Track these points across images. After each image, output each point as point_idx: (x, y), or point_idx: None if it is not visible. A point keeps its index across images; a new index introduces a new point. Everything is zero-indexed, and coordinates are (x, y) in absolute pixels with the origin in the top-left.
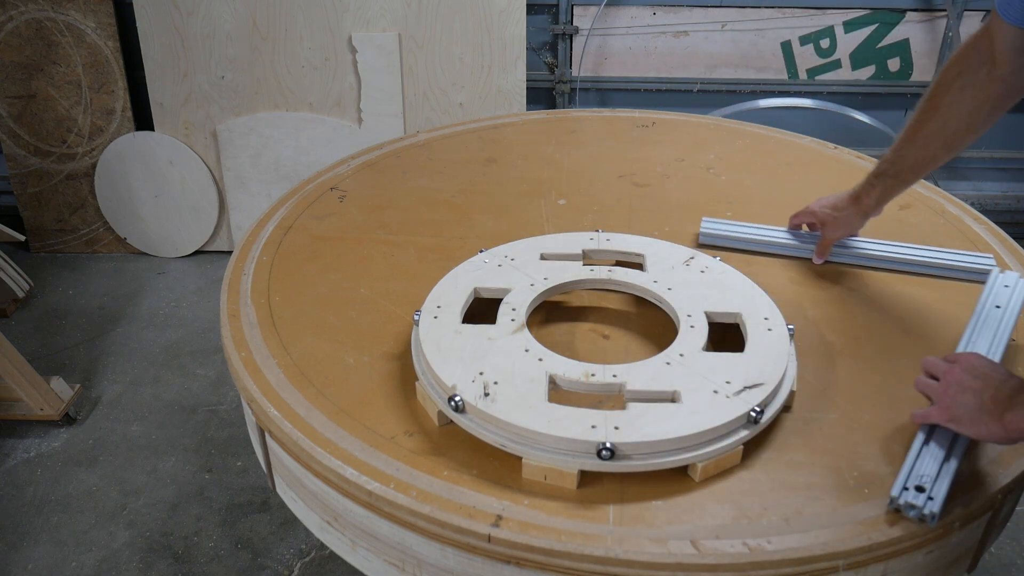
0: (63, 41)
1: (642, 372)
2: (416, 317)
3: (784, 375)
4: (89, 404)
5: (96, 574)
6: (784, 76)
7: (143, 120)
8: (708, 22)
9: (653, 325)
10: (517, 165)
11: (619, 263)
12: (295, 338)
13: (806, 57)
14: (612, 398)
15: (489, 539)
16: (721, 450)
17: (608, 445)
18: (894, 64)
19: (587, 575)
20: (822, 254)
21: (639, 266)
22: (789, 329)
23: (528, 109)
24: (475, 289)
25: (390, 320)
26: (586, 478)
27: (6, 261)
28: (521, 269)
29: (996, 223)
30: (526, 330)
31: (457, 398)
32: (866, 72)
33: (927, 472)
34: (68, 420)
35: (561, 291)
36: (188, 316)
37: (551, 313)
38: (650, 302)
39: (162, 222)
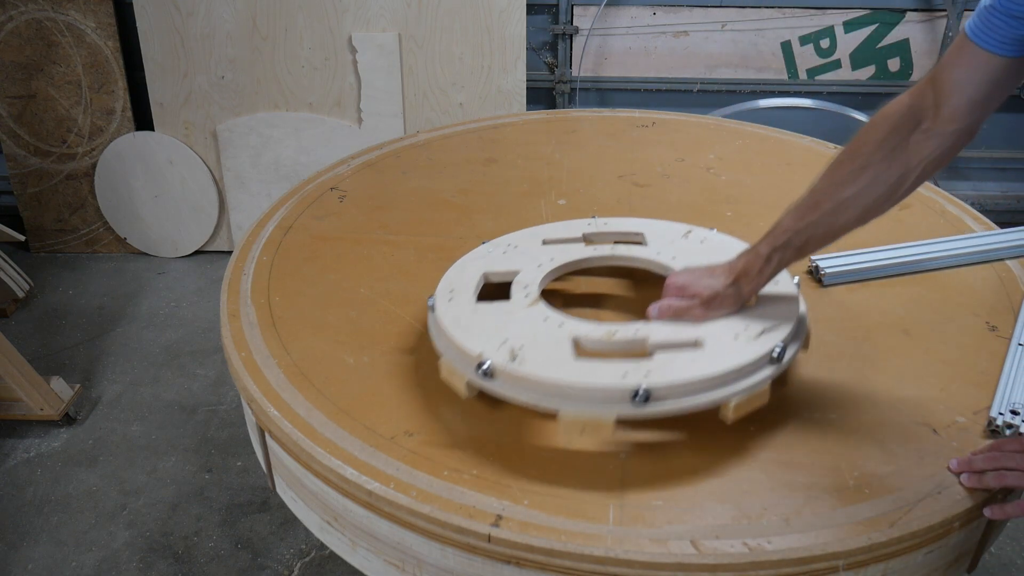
0: (63, 41)
1: (663, 326)
2: (430, 302)
3: (798, 317)
4: (89, 404)
5: (96, 574)
6: (784, 76)
7: (143, 120)
8: (708, 22)
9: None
10: (517, 165)
11: (618, 243)
12: (295, 338)
13: (806, 57)
14: (637, 355)
15: (489, 539)
16: (751, 387)
17: (643, 389)
18: (894, 64)
19: (587, 575)
20: (670, 313)
21: (639, 244)
22: (795, 280)
23: (528, 109)
24: (484, 274)
25: (390, 320)
26: (587, 477)
27: (6, 261)
28: (526, 254)
29: (996, 223)
30: (542, 302)
31: (486, 364)
32: (866, 72)
33: (1018, 400)
34: (68, 420)
35: (569, 269)
36: (188, 316)
37: (552, 302)
38: (651, 284)
39: (162, 222)
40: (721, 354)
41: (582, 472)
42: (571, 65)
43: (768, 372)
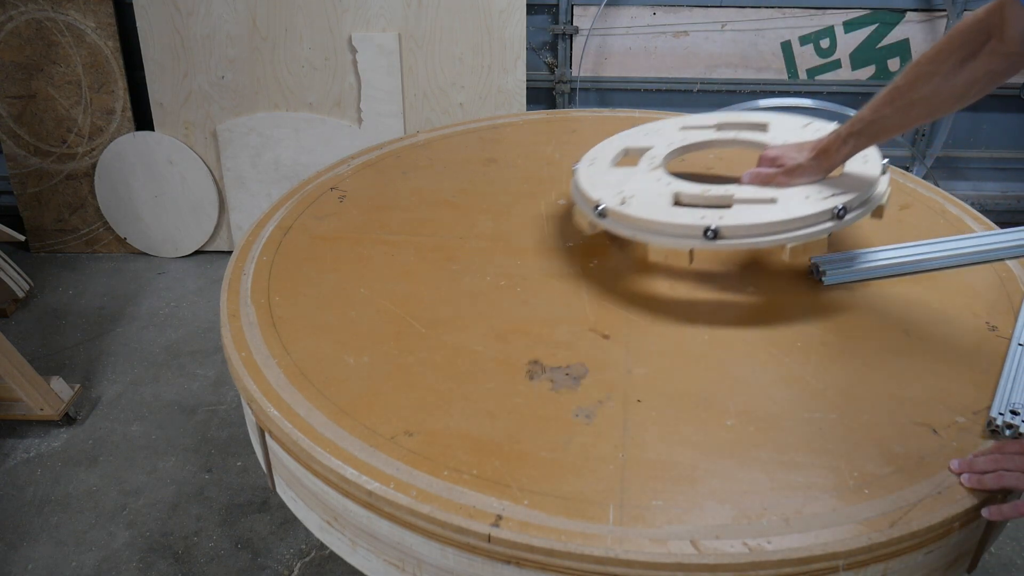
0: (63, 41)
1: (750, 188)
2: (575, 167)
3: (872, 188)
4: (89, 404)
5: (96, 574)
6: (784, 76)
7: (143, 120)
8: (708, 22)
9: None
10: (517, 165)
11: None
12: (295, 338)
13: (806, 57)
14: (722, 206)
15: (489, 539)
16: (808, 235)
17: (713, 228)
18: (894, 64)
19: (587, 575)
20: (758, 179)
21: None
22: (884, 162)
23: (528, 109)
24: (625, 148)
25: (390, 320)
26: (587, 477)
27: (6, 261)
28: (663, 135)
29: (996, 223)
30: (662, 169)
31: (601, 207)
32: (866, 72)
33: (1018, 400)
34: (68, 420)
35: (696, 148)
36: (188, 316)
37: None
38: None
39: (162, 222)
40: (789, 208)
41: (582, 472)
42: (571, 65)
43: (828, 225)
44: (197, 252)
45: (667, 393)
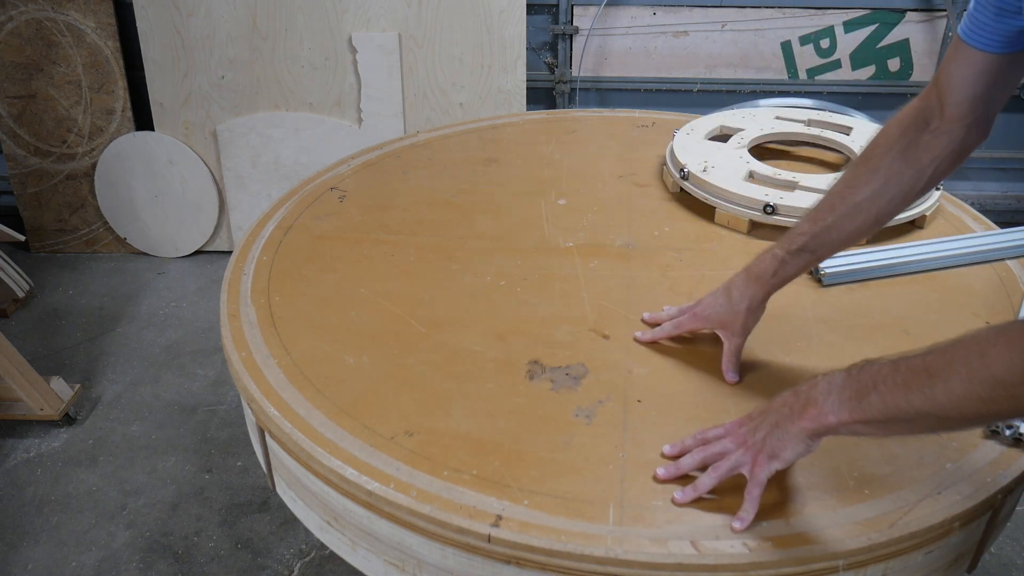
0: (63, 41)
1: (815, 177)
2: (675, 132)
3: (923, 201)
4: (89, 404)
5: (96, 574)
6: (784, 76)
7: (143, 120)
8: (708, 22)
9: None
10: (517, 165)
11: (829, 130)
12: (295, 338)
13: (806, 57)
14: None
15: (489, 539)
16: None
17: (771, 204)
18: (894, 64)
19: (587, 575)
20: (735, 368)
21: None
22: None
23: (528, 109)
24: (720, 125)
25: (390, 320)
26: (587, 477)
27: (6, 261)
28: (758, 120)
29: (996, 223)
30: (745, 149)
31: (685, 170)
32: (866, 72)
33: None
34: (68, 420)
35: (782, 137)
36: (188, 316)
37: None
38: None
39: (162, 222)
40: None
41: (582, 472)
42: (571, 65)
43: None
44: (197, 252)
45: (667, 393)
